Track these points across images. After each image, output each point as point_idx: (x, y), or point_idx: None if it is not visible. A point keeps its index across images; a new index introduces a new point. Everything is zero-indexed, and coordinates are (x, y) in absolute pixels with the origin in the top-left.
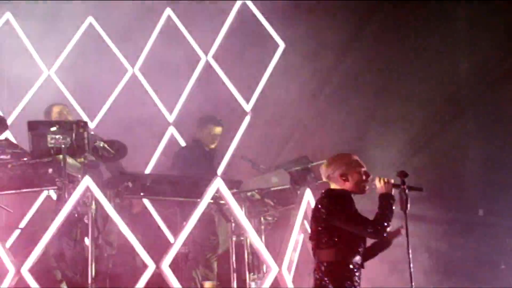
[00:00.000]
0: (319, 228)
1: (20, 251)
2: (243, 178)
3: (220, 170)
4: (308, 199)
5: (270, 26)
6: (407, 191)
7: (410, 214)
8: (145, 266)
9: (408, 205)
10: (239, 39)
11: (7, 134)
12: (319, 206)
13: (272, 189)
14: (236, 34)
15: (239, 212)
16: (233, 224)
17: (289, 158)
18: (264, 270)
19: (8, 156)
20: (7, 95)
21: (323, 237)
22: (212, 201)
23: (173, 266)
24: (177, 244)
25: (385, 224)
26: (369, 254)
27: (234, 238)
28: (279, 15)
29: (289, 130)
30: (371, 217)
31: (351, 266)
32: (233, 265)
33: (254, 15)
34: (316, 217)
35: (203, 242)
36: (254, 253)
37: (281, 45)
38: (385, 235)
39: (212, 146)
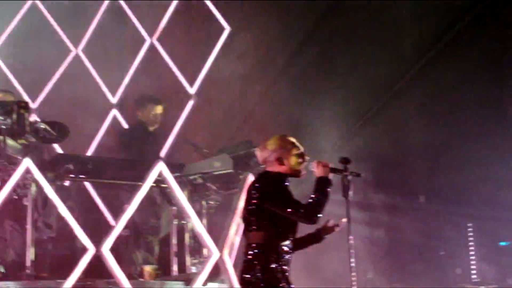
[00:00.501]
0: (250, 210)
1: None
2: (186, 162)
3: (163, 153)
4: (249, 184)
5: (215, 9)
6: (349, 177)
7: (352, 201)
8: (85, 250)
9: (351, 192)
10: (184, 21)
11: None
12: (252, 188)
13: (215, 173)
14: (181, 17)
15: (181, 196)
16: (175, 208)
17: (232, 142)
18: (205, 254)
19: None
20: None
21: (253, 219)
22: (154, 184)
23: (114, 249)
24: (118, 227)
25: (318, 209)
26: (299, 245)
27: (176, 222)
28: None
29: (233, 114)
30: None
31: (280, 250)
32: (174, 249)
33: None
34: (248, 199)
35: (144, 225)
36: (195, 237)
37: (227, 28)
38: (316, 220)
39: (156, 125)
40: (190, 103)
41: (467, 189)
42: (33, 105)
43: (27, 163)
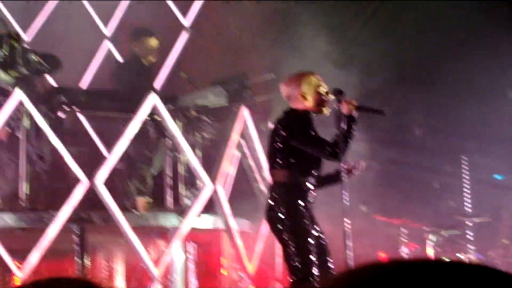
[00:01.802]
0: (276, 148)
1: None
2: (179, 94)
3: (157, 86)
4: (245, 116)
5: None
6: (340, 108)
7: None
8: (78, 181)
9: (343, 124)
10: None
11: None
12: (278, 126)
13: (209, 105)
14: None
15: (174, 128)
16: (168, 141)
17: (226, 74)
18: (199, 186)
19: None
20: None
21: (278, 157)
22: (148, 117)
23: (108, 181)
24: (111, 159)
25: (343, 147)
26: (319, 184)
27: (169, 154)
28: None
29: (227, 46)
30: None
31: (304, 187)
32: (168, 181)
33: None
34: (273, 136)
35: (138, 157)
36: (189, 170)
37: None
38: (341, 157)
39: (152, 60)
40: (184, 36)
41: (462, 122)
42: (25, 37)
43: (19, 95)
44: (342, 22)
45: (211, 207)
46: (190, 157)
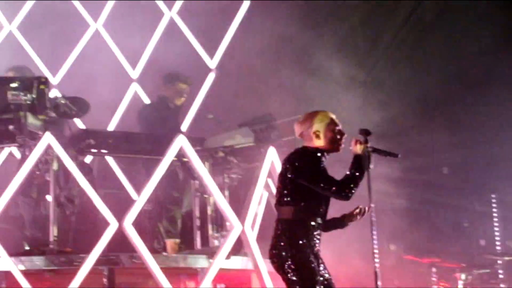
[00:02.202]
0: (283, 185)
1: None
2: (207, 135)
3: (184, 128)
4: (272, 157)
5: None
6: (369, 149)
7: (375, 174)
8: (107, 224)
9: (371, 165)
10: None
11: None
12: (286, 162)
13: (236, 146)
14: None
15: (202, 169)
16: (197, 182)
17: (253, 115)
18: (228, 227)
19: None
20: None
21: (286, 194)
22: (176, 158)
23: (136, 223)
24: (140, 201)
25: (352, 186)
26: (324, 227)
27: (198, 196)
28: None
29: (253, 87)
30: None
31: (310, 226)
32: (197, 222)
33: None
34: (282, 173)
35: (167, 198)
36: (217, 211)
37: (246, 1)
38: (349, 196)
39: (178, 103)
40: (211, 77)
41: (490, 161)
42: (53, 81)
43: (48, 138)
44: (362, 64)
45: (240, 248)
46: (218, 198)
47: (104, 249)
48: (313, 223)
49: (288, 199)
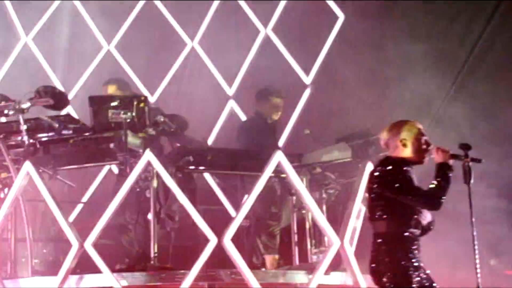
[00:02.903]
0: (372, 198)
1: (83, 225)
2: (304, 151)
3: (281, 143)
4: (370, 172)
5: None
6: (470, 163)
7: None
8: (207, 240)
9: (472, 179)
10: (298, 11)
11: (68, 110)
12: (373, 175)
13: (334, 162)
14: (295, 6)
15: (300, 185)
16: (294, 198)
17: (350, 131)
18: (326, 243)
19: (70, 132)
20: (68, 71)
21: (376, 207)
22: (273, 174)
23: (235, 239)
24: (238, 217)
25: (439, 194)
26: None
27: (296, 212)
28: None
29: (350, 102)
30: None
31: (405, 238)
32: (295, 238)
33: None
34: (369, 186)
35: (265, 213)
36: (316, 227)
37: (341, 17)
38: (438, 206)
39: (275, 118)
40: (306, 93)
41: None
42: (152, 98)
43: (148, 156)
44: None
45: (339, 263)
46: (316, 213)
47: (203, 265)
48: (408, 234)
49: (379, 213)
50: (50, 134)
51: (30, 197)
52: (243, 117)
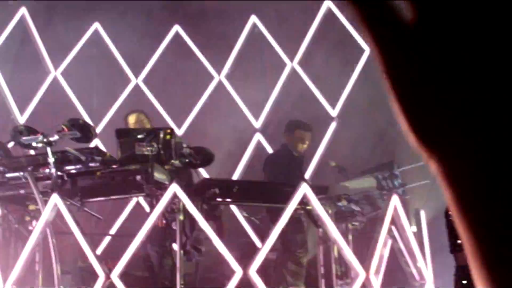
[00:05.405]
0: (449, 230)
1: (110, 257)
2: (330, 183)
3: (307, 176)
4: (395, 204)
5: (355, 30)
6: None
7: None
8: (233, 272)
9: None
10: (323, 43)
11: (96, 142)
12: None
13: (359, 194)
14: (321, 40)
15: (326, 217)
16: (320, 230)
17: (376, 163)
18: (352, 275)
19: (97, 164)
20: (96, 104)
21: (454, 239)
22: (299, 206)
23: (261, 271)
24: (265, 249)
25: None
26: None
27: (321, 244)
28: None
29: (376, 135)
30: None
31: None
32: (321, 270)
33: (338, 19)
34: (446, 218)
35: (291, 243)
36: (341, 259)
37: (366, 49)
38: None
39: (301, 150)
40: (333, 126)
41: None
42: (179, 131)
43: (174, 188)
44: None
45: None
46: (342, 245)
47: None
48: None
49: (461, 244)
50: (78, 166)
51: (58, 230)
52: (270, 150)
